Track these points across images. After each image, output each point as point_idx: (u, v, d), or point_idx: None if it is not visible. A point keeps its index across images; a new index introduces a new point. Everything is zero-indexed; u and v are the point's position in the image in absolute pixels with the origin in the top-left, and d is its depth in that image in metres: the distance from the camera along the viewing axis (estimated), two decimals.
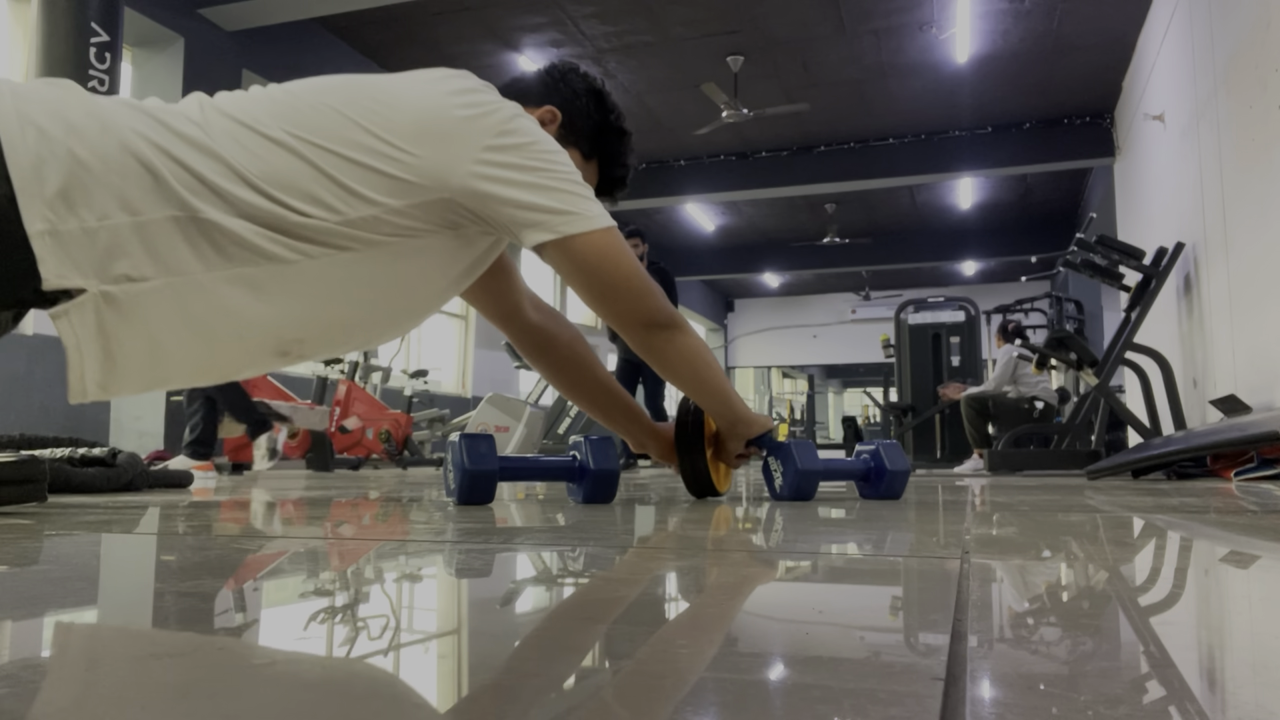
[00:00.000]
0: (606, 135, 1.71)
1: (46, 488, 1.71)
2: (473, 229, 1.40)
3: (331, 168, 1.26)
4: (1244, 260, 4.63)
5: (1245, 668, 0.46)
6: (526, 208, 1.36)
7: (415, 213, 1.31)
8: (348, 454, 7.02)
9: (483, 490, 1.73)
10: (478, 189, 1.34)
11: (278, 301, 1.26)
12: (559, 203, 1.39)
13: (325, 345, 1.39)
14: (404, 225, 1.31)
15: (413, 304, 1.44)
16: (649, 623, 0.56)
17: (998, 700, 0.39)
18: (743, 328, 20.27)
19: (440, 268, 1.42)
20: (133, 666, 0.45)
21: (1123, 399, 6.99)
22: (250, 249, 1.22)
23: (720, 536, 1.15)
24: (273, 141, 1.25)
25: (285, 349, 1.33)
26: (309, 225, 1.24)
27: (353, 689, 0.41)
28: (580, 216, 1.41)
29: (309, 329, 1.32)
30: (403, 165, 1.29)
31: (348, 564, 0.88)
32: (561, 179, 1.41)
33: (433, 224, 1.35)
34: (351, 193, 1.27)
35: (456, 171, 1.32)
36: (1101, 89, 8.75)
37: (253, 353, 1.30)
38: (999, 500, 1.97)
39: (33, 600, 0.64)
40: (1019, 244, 13.99)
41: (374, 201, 1.28)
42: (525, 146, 1.38)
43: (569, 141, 1.63)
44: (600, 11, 7.37)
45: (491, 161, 1.34)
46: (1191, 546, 1.05)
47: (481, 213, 1.36)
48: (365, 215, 1.27)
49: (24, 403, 6.47)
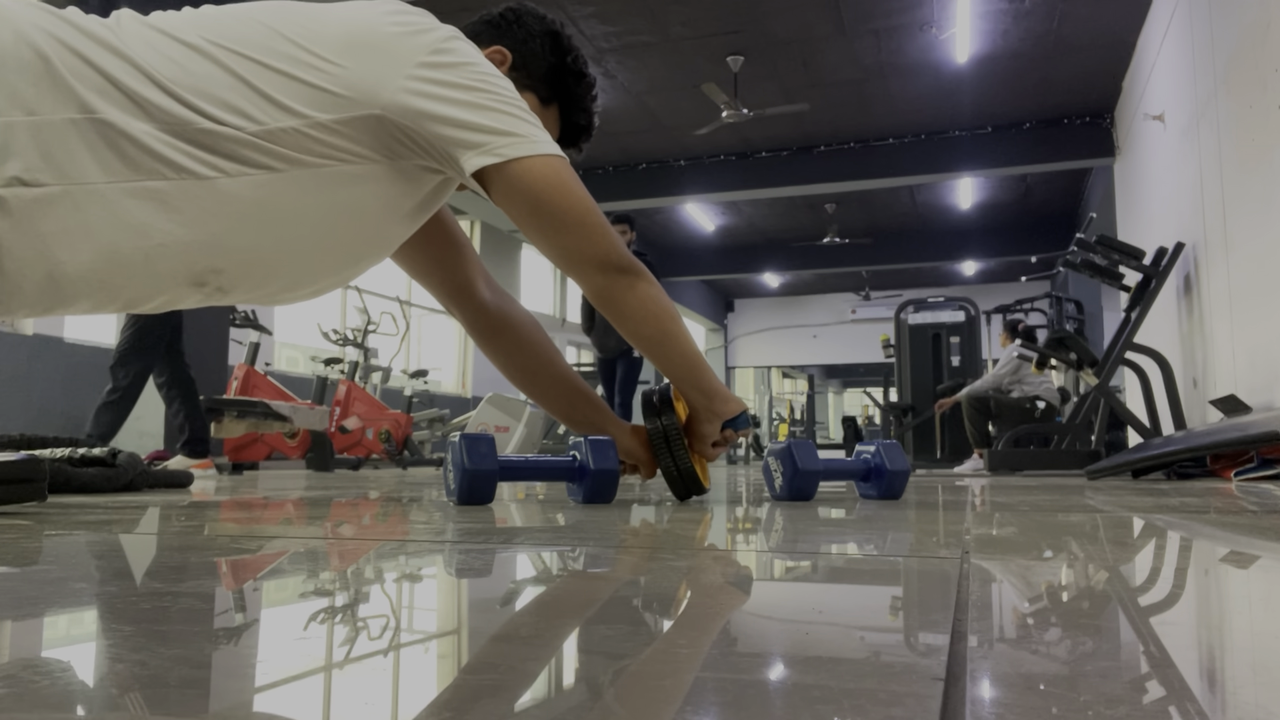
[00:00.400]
0: (564, 78, 1.59)
1: (46, 488, 1.71)
2: (413, 161, 1.30)
3: (250, 74, 1.17)
4: (1244, 260, 4.63)
5: (1245, 668, 0.46)
6: (464, 126, 1.26)
7: (344, 131, 1.22)
8: (348, 454, 7.03)
9: (483, 490, 1.73)
10: (410, 105, 1.24)
11: (190, 223, 1.16)
12: (499, 123, 1.28)
13: (249, 282, 1.28)
14: (333, 146, 1.22)
15: (349, 245, 1.33)
16: (649, 623, 0.56)
17: (998, 700, 0.39)
18: (743, 328, 20.27)
19: (380, 205, 1.31)
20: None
21: (1123, 399, 6.99)
22: (158, 159, 1.13)
23: (720, 537, 1.15)
24: (188, 46, 1.17)
25: (201, 279, 1.23)
26: (223, 135, 1.15)
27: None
28: (524, 139, 1.30)
29: (227, 259, 1.22)
30: (328, 76, 1.21)
31: (347, 564, 0.88)
32: (503, 101, 1.30)
33: (366, 148, 1.25)
34: (271, 101, 1.18)
35: (387, 86, 1.23)
36: (1101, 89, 8.76)
37: (163, 279, 1.20)
38: (999, 500, 1.97)
39: (33, 600, 0.64)
40: (1019, 244, 14.00)
41: (295, 112, 1.19)
42: (462, 66, 1.28)
43: (523, 85, 1.53)
44: (600, 11, 7.37)
45: (425, 78, 1.25)
46: (1191, 546, 1.05)
47: (417, 134, 1.26)
48: (286, 127, 1.18)
49: (24, 403, 6.47)
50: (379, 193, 1.29)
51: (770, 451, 1.95)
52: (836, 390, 28.03)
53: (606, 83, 8.75)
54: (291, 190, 1.21)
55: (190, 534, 1.20)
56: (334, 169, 1.23)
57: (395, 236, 1.40)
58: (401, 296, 9.77)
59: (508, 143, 1.28)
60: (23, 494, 1.63)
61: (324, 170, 1.22)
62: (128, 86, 1.12)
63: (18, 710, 0.36)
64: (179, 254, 1.17)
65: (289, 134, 1.19)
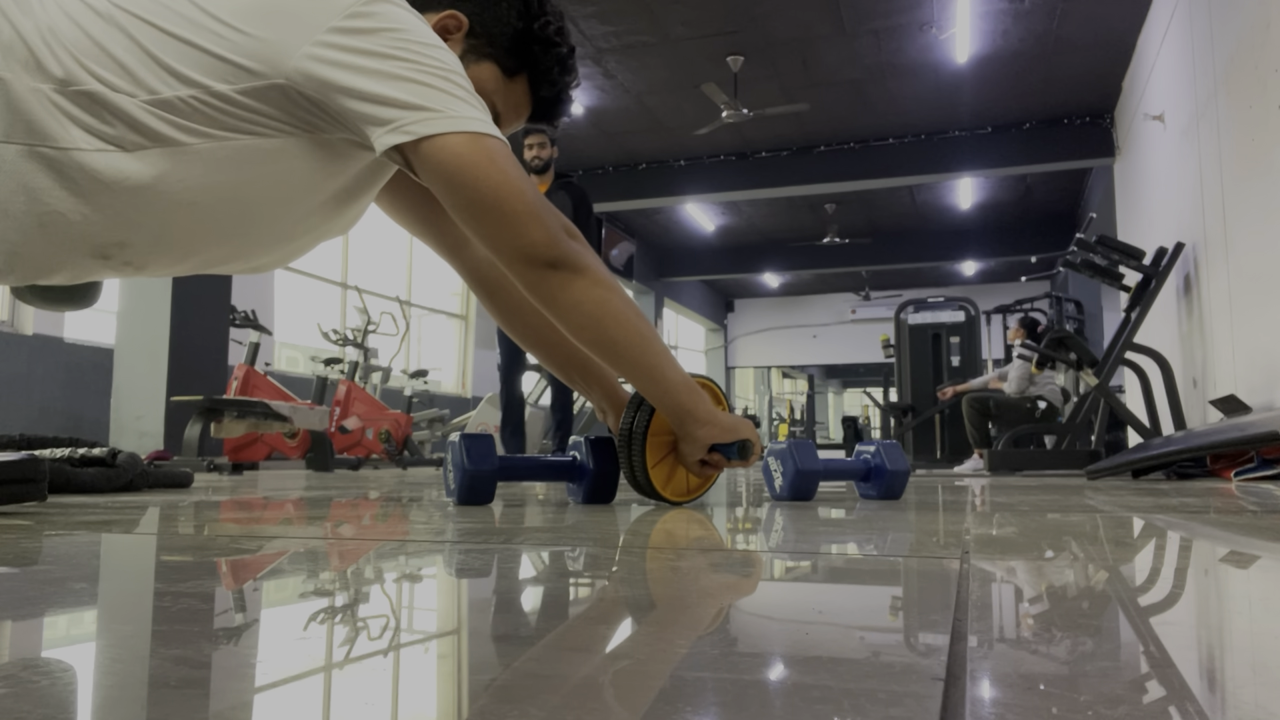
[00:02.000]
0: (530, 46, 1.44)
1: (46, 488, 1.71)
2: (337, 135, 1.21)
3: (148, 40, 1.11)
4: (1244, 260, 4.63)
5: (1245, 668, 0.46)
6: (372, 100, 1.15)
7: (248, 103, 1.14)
8: (347, 454, 7.02)
9: (483, 490, 1.73)
10: (314, 73, 1.14)
11: (86, 195, 1.11)
12: (414, 96, 1.16)
13: (164, 259, 1.22)
14: (240, 118, 1.14)
15: (277, 224, 1.25)
16: (648, 623, 0.56)
17: (998, 700, 0.39)
18: (743, 328, 20.27)
19: (303, 183, 1.22)
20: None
21: (1123, 399, 6.99)
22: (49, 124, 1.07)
23: (720, 537, 1.15)
24: (91, 9, 1.12)
25: (105, 253, 1.17)
26: (112, 102, 1.09)
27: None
28: (440, 115, 1.17)
29: (131, 234, 1.16)
30: (229, 43, 1.13)
31: (347, 564, 0.88)
32: (426, 71, 1.18)
33: (278, 121, 1.17)
34: (168, 69, 1.11)
35: (291, 53, 1.14)
36: (1101, 89, 8.76)
37: (63, 249, 1.14)
38: (999, 500, 1.97)
39: (33, 600, 0.64)
40: (1019, 244, 14.00)
41: (191, 81, 1.12)
42: (381, 31, 1.17)
43: (484, 55, 1.41)
44: (600, 11, 7.37)
45: (333, 44, 1.15)
46: (1191, 546, 1.05)
47: (326, 106, 1.17)
48: (184, 96, 1.11)
49: (24, 403, 6.47)
50: (301, 169, 1.21)
51: (770, 451, 1.95)
52: (836, 390, 28.04)
53: (606, 83, 8.75)
54: (198, 164, 1.14)
55: (190, 534, 1.19)
56: (244, 142, 1.15)
57: (337, 215, 1.31)
58: (401, 296, 9.78)
59: (420, 118, 1.16)
60: (23, 494, 1.63)
61: (232, 143, 1.14)
62: (34, 46, 1.08)
63: (18, 710, 0.36)
64: (76, 225, 1.12)
65: (186, 104, 1.12)
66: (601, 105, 9.30)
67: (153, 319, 6.04)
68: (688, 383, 1.52)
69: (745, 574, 0.81)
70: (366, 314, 7.59)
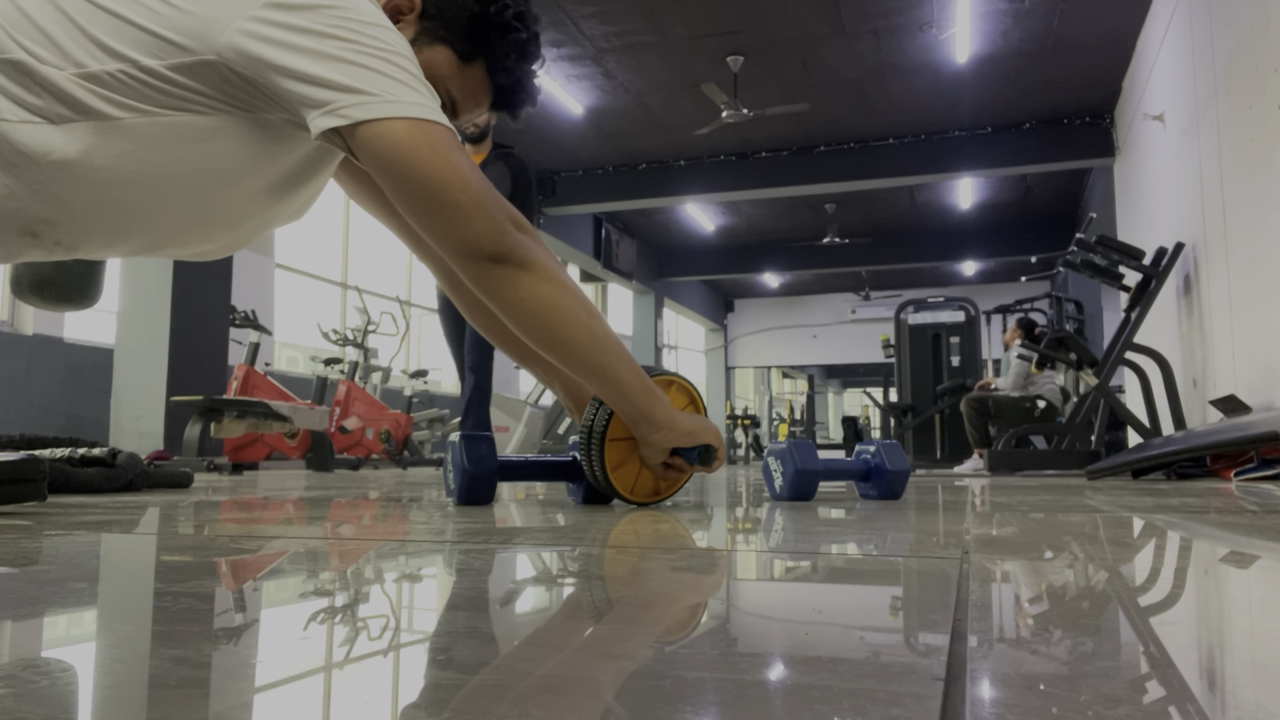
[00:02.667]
0: (487, 30, 1.36)
1: (46, 487, 1.71)
2: (277, 116, 1.16)
3: (78, 14, 1.09)
4: (1244, 260, 4.63)
5: (1245, 668, 0.46)
6: (306, 80, 1.10)
7: (181, 80, 1.10)
8: (347, 454, 7.03)
9: (483, 490, 1.73)
10: (247, 50, 1.09)
11: (12, 169, 1.07)
12: (351, 79, 1.11)
13: (95, 240, 1.18)
14: (172, 95, 1.10)
15: (212, 207, 1.20)
16: (648, 623, 0.56)
17: (998, 700, 0.39)
18: (743, 328, 20.27)
19: (242, 164, 1.18)
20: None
21: (1123, 399, 6.99)
22: None
23: (720, 537, 1.15)
24: None
25: (33, 230, 1.13)
26: (44, 75, 1.07)
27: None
28: (377, 99, 1.12)
29: (57, 211, 1.12)
30: (159, 18, 1.10)
31: (347, 564, 0.88)
32: (365, 52, 1.12)
33: (214, 99, 1.12)
34: (96, 43, 1.09)
35: (223, 28, 1.09)
36: (1101, 89, 8.76)
37: None
38: (999, 500, 1.97)
39: (33, 600, 0.64)
40: (1019, 244, 14.00)
41: (120, 55, 1.09)
42: (319, 8, 1.12)
43: (438, 39, 1.35)
44: (600, 11, 7.37)
45: (267, 20, 1.10)
46: (1191, 546, 1.05)
47: (261, 85, 1.12)
48: (112, 70, 1.08)
49: (24, 403, 6.47)
50: (238, 149, 1.16)
51: (770, 451, 1.95)
52: (836, 390, 28.05)
53: (606, 83, 8.75)
54: (128, 140, 1.10)
55: (190, 534, 1.19)
56: (176, 119, 1.11)
57: (283, 198, 1.26)
58: (401, 296, 9.78)
59: (356, 102, 1.11)
60: (23, 494, 1.63)
61: (164, 120, 1.10)
62: None
63: (18, 710, 0.36)
64: (1, 200, 1.09)
65: (115, 78, 1.08)
66: (601, 105, 9.30)
67: (153, 319, 6.05)
68: (644, 384, 1.45)
69: (745, 573, 0.81)
70: (366, 314, 7.59)
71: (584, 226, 12.66)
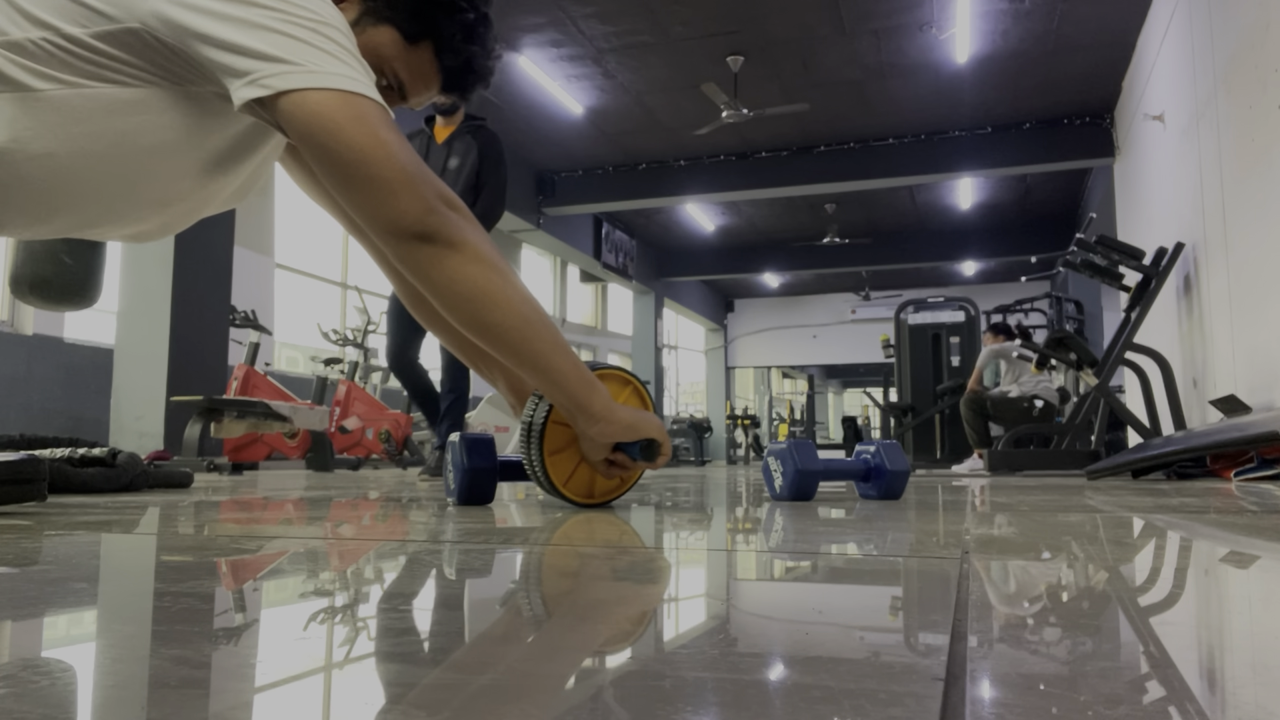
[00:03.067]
0: (433, 9, 1.33)
1: (46, 488, 1.71)
2: (206, 89, 1.13)
3: None
4: (1244, 260, 4.63)
5: (1245, 668, 0.46)
6: (228, 48, 1.07)
7: (105, 49, 1.08)
8: (347, 454, 7.03)
9: (483, 490, 1.73)
10: (168, 16, 1.06)
11: None
12: (274, 48, 1.07)
13: (16, 216, 1.15)
14: (97, 65, 1.08)
15: (142, 184, 1.17)
16: (648, 623, 0.56)
17: (998, 700, 0.39)
18: (743, 328, 20.27)
19: (172, 139, 1.14)
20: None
21: (1123, 399, 6.99)
22: None
23: (720, 537, 1.15)
24: None
25: None
26: None
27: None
28: (300, 69, 1.08)
29: None
30: None
31: (347, 564, 0.88)
32: (290, 21, 1.09)
33: (140, 70, 1.10)
34: (18, 9, 1.06)
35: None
36: (1101, 89, 8.76)
37: None
38: (999, 500, 1.97)
39: (33, 600, 0.64)
40: (1019, 244, 14.00)
41: (44, 23, 1.06)
42: None
43: (383, 18, 1.31)
44: (600, 11, 7.37)
45: None
46: (1191, 546, 1.05)
47: (186, 55, 1.09)
48: (35, 39, 1.06)
49: (24, 403, 6.47)
50: (168, 124, 1.13)
51: (770, 451, 1.95)
52: (836, 390, 28.04)
53: (606, 83, 8.75)
54: (52, 113, 1.07)
55: (190, 534, 1.19)
56: (102, 90, 1.08)
57: (219, 177, 1.22)
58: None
59: (278, 71, 1.07)
60: (23, 494, 1.63)
61: (89, 91, 1.07)
62: None
63: (18, 710, 0.36)
64: None
65: (38, 46, 1.06)
66: (601, 105, 9.30)
67: (153, 319, 6.04)
68: (581, 373, 1.38)
69: (746, 574, 0.81)
70: (366, 314, 7.59)
71: (584, 226, 12.66)
